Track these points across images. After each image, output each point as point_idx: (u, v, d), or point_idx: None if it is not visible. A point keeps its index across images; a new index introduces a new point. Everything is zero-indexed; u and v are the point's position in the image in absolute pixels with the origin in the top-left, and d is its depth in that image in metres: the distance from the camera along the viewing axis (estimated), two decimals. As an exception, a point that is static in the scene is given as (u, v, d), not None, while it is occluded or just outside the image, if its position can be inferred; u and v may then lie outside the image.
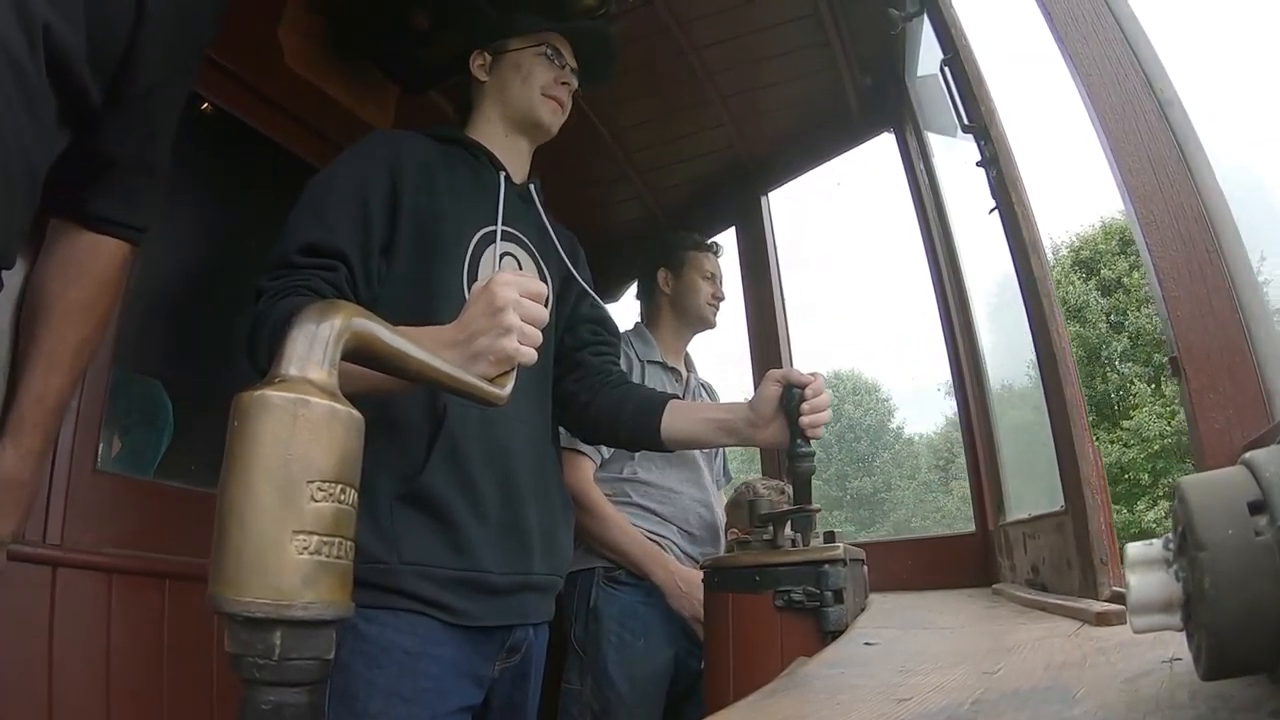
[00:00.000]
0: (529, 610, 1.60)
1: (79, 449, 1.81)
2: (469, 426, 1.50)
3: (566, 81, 1.77)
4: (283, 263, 1.42)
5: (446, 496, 1.46)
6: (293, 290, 1.37)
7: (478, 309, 1.22)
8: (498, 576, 1.50)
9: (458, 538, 1.46)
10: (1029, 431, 2.26)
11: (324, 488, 0.58)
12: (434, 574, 1.44)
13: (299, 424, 0.58)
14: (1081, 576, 1.43)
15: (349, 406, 0.61)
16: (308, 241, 1.43)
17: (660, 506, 2.57)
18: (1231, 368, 1.09)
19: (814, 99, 3.22)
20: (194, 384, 2.31)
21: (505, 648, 1.57)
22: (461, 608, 1.46)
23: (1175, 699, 0.56)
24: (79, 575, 1.75)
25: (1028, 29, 1.53)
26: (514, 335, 1.20)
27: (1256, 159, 2.91)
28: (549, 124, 1.76)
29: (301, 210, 1.49)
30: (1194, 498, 0.51)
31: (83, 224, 1.38)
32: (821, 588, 1.43)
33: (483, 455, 1.51)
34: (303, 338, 0.62)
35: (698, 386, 2.91)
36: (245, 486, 0.56)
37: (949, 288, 2.82)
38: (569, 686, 2.45)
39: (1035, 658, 0.88)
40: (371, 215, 1.51)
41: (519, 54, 1.76)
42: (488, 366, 1.21)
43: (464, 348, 1.21)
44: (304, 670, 0.57)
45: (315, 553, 0.57)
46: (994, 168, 1.72)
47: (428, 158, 1.62)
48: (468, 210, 1.62)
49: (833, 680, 0.93)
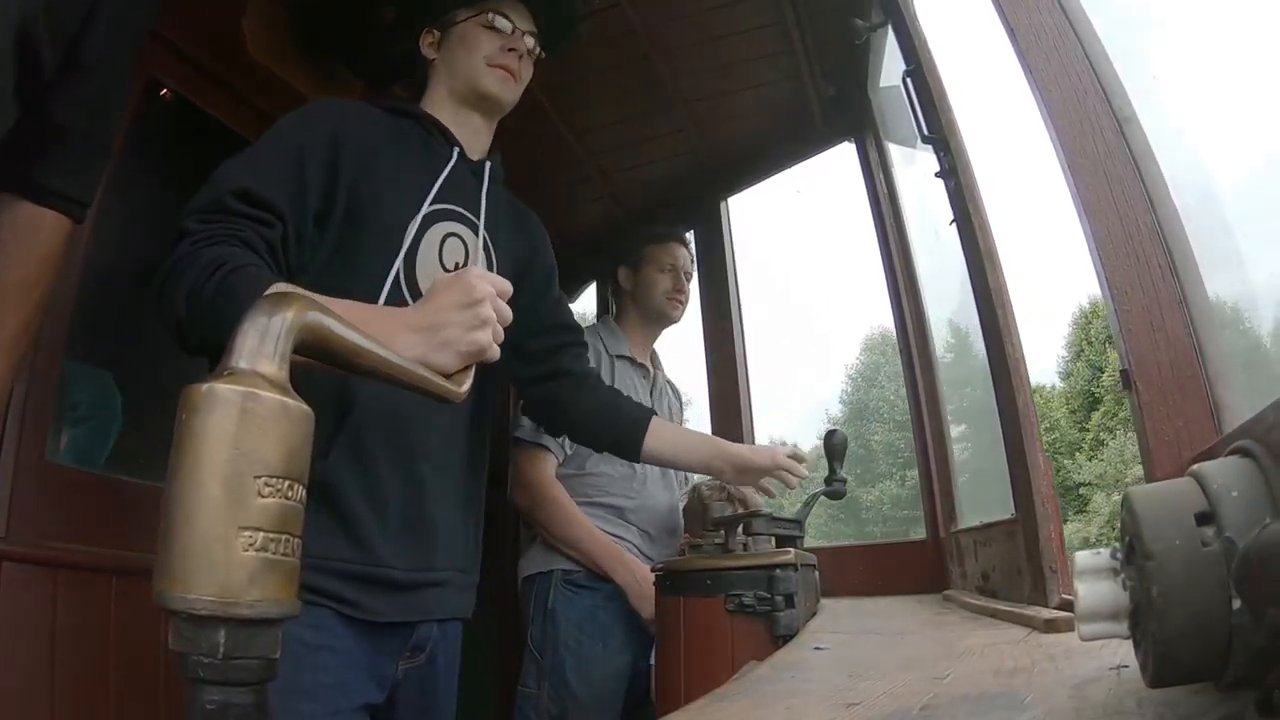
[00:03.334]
0: (431, 606, 1.55)
1: (27, 440, 1.76)
2: (375, 421, 1.46)
3: (514, 48, 1.70)
4: (215, 206, 1.32)
5: (347, 490, 1.41)
6: (223, 239, 1.28)
7: (451, 298, 1.16)
8: (399, 572, 1.46)
9: (357, 532, 1.42)
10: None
11: (271, 483, 0.57)
12: (333, 568, 1.39)
13: (247, 418, 0.56)
14: (1031, 584, 1.44)
15: (300, 401, 0.60)
16: (243, 186, 1.34)
17: (623, 505, 2.56)
18: (1182, 382, 1.10)
19: (777, 106, 3.24)
20: (144, 376, 2.27)
21: (409, 645, 1.53)
22: (360, 601, 1.41)
23: (1122, 706, 0.57)
24: (23, 569, 1.71)
25: (990, 44, 1.54)
26: (489, 329, 1.15)
27: (1212, 173, 2.98)
28: (496, 93, 1.69)
29: (236, 160, 1.40)
30: (1142, 508, 0.51)
31: (25, 195, 1.32)
32: (773, 592, 1.44)
33: (387, 450, 1.47)
34: (254, 330, 0.61)
35: (664, 385, 2.91)
36: (192, 481, 0.55)
37: (905, 295, 2.85)
38: (525, 690, 2.43)
39: (984, 664, 0.89)
40: (308, 182, 1.43)
41: (464, 25, 1.70)
42: (452, 358, 1.14)
43: (429, 334, 1.14)
44: (248, 670, 0.56)
45: (262, 549, 0.56)
46: (953, 179, 1.73)
47: (375, 131, 1.56)
48: (412, 187, 1.57)
49: (783, 684, 0.93)
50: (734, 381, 3.42)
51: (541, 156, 3.20)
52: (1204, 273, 1.15)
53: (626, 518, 2.56)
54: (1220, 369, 1.10)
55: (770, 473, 1.82)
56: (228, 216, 1.31)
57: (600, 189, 3.67)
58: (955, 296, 2.22)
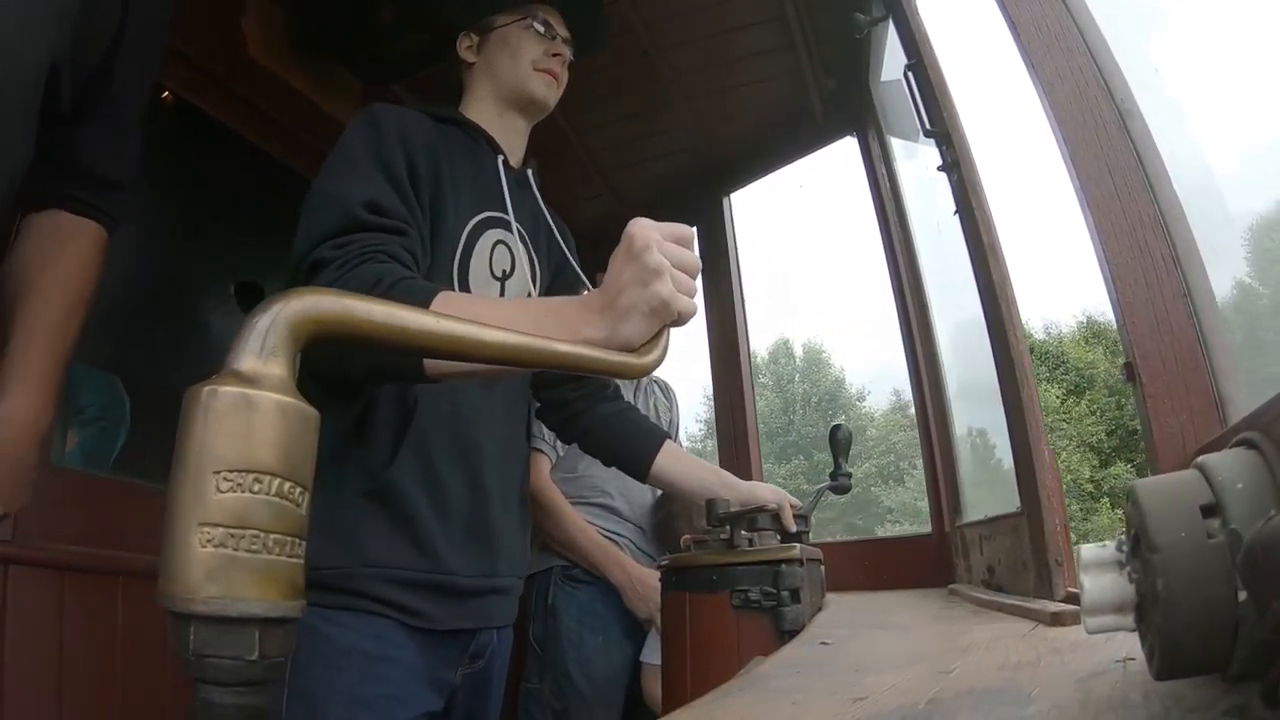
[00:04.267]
0: (493, 613, 1.57)
1: (34, 443, 1.77)
2: (440, 421, 1.45)
3: (558, 53, 1.71)
4: (347, 225, 1.24)
5: (412, 494, 1.40)
6: (366, 257, 1.19)
7: (618, 261, 0.98)
8: (463, 579, 1.46)
9: (421, 538, 1.41)
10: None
11: (230, 478, 0.56)
12: (397, 576, 1.38)
13: (209, 414, 0.56)
14: (1036, 578, 1.44)
15: (283, 395, 0.60)
16: (369, 198, 1.28)
17: (617, 503, 2.57)
18: (1186, 374, 1.10)
19: (778, 102, 3.24)
20: (152, 378, 2.27)
21: (469, 652, 1.53)
22: (424, 610, 1.41)
23: (1128, 699, 0.57)
24: (31, 572, 1.72)
25: (992, 37, 1.54)
26: (666, 277, 0.94)
27: (1213, 166, 2.97)
28: (543, 98, 1.70)
29: (332, 179, 1.33)
30: (1147, 501, 0.51)
31: (62, 207, 1.35)
32: (778, 587, 1.44)
33: (452, 452, 1.46)
34: (246, 329, 0.61)
35: (650, 383, 2.92)
36: (171, 479, 0.55)
37: (908, 290, 2.84)
38: (529, 686, 2.45)
39: (990, 658, 0.89)
40: (406, 188, 1.38)
41: (506, 30, 1.70)
42: (639, 325, 0.94)
43: (610, 311, 0.96)
44: (220, 669, 0.55)
45: (220, 545, 0.55)
46: (955, 172, 1.73)
47: (430, 137, 1.52)
48: (465, 194, 1.55)
49: (789, 680, 0.93)
50: (738, 377, 3.42)
51: (540, 154, 3.18)
52: (1207, 265, 1.15)
53: (622, 516, 2.57)
54: (1224, 361, 1.09)
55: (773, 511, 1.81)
56: (363, 235, 1.24)
57: (601, 186, 3.67)
58: (958, 290, 2.22)
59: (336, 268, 1.17)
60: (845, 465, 1.99)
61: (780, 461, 39.13)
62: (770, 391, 42.58)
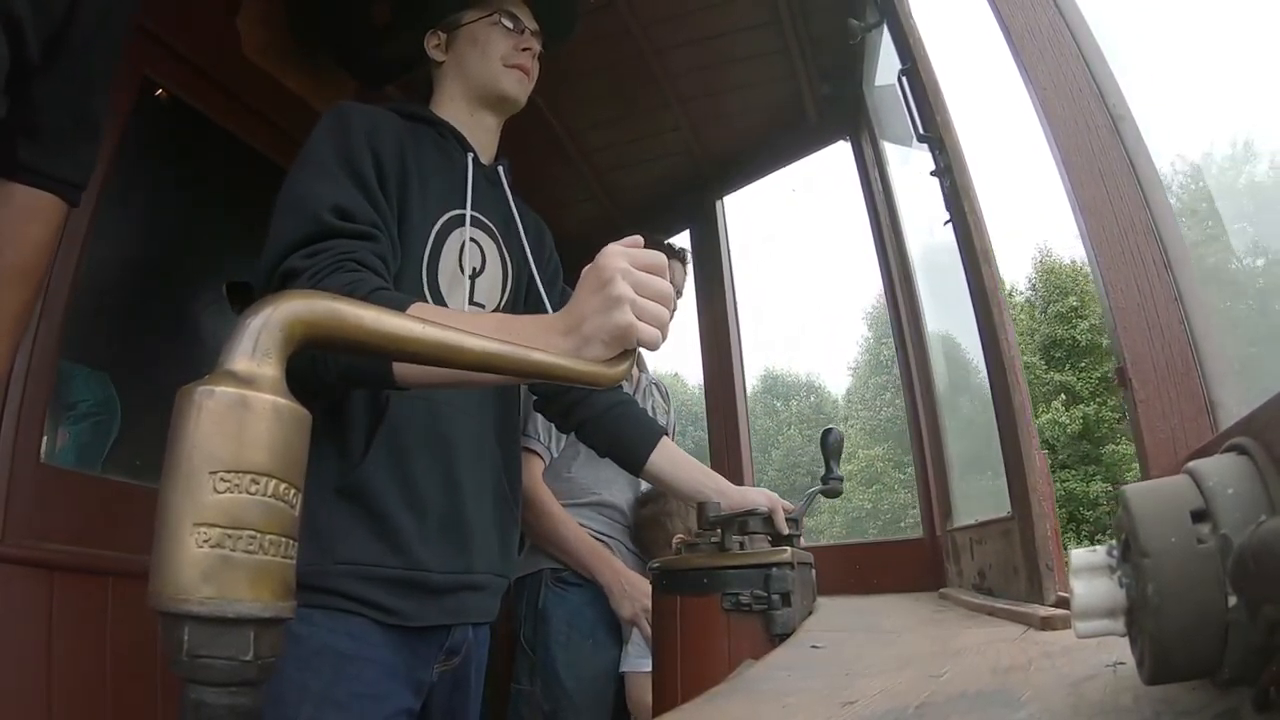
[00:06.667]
0: (469, 610, 1.55)
1: (22, 441, 1.76)
2: (413, 417, 1.44)
3: (527, 47, 1.68)
4: (316, 233, 1.24)
5: (384, 490, 1.40)
6: (337, 266, 1.20)
7: (585, 288, 1.06)
8: (437, 575, 1.45)
9: (395, 534, 1.40)
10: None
11: (226, 478, 0.56)
12: (370, 573, 1.38)
13: (204, 414, 0.56)
14: (1027, 582, 1.44)
15: (276, 396, 0.60)
16: (337, 203, 1.28)
17: (609, 504, 2.57)
18: (1177, 379, 1.10)
19: (772, 105, 3.25)
20: (142, 376, 2.26)
21: (444, 649, 1.53)
22: (398, 608, 1.41)
23: (1119, 703, 0.57)
24: (19, 571, 1.71)
25: (986, 42, 1.54)
26: (626, 307, 1.01)
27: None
28: (514, 94, 1.68)
29: (300, 185, 1.33)
30: (1138, 506, 0.51)
31: (19, 179, 1.30)
32: (769, 590, 1.44)
33: (425, 447, 1.45)
34: (239, 329, 0.61)
35: (649, 385, 2.92)
36: (164, 479, 0.55)
37: (900, 293, 2.85)
38: (519, 687, 2.44)
39: (981, 661, 0.89)
40: (374, 189, 1.38)
41: (473, 27, 1.68)
42: (601, 349, 1.02)
43: (573, 335, 1.03)
44: (214, 670, 0.55)
45: (217, 546, 0.55)
46: (948, 177, 1.73)
47: (397, 137, 1.51)
48: (433, 193, 1.54)
49: (779, 683, 0.93)
50: (730, 379, 3.43)
51: (535, 156, 3.19)
52: (1199, 270, 1.15)
53: (613, 517, 2.57)
54: (1216, 367, 1.10)
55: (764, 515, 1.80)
56: (333, 241, 1.25)
57: (594, 189, 3.67)
58: (950, 295, 2.23)
59: (309, 277, 1.18)
60: (837, 469, 1.99)
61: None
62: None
